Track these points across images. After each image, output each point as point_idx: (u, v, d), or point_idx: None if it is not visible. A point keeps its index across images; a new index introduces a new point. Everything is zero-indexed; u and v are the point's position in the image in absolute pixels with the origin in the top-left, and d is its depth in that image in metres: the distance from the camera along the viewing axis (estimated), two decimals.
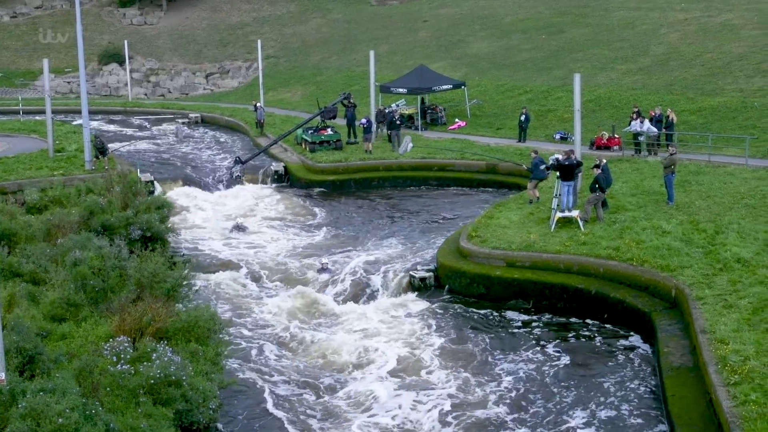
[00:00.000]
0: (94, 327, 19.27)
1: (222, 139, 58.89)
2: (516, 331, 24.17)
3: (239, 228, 34.91)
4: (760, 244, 24.72)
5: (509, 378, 21.29)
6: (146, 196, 33.07)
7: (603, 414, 19.11)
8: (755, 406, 15.49)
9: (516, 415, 19.35)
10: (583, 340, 23.32)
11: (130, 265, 22.17)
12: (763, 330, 18.94)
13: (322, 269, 29.41)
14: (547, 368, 21.71)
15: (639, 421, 18.69)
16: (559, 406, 19.65)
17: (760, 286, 21.50)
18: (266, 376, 21.75)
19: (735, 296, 21.10)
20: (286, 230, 36.11)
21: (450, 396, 20.48)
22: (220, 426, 18.67)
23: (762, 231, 25.81)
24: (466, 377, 21.47)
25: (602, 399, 19.82)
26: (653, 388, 20.07)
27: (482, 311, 25.64)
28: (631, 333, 23.18)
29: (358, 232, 34.90)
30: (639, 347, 22.48)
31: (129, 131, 63.91)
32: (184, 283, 21.93)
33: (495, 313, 25.36)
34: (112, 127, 65.44)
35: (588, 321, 24.30)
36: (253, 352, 23.31)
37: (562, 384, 20.76)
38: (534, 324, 24.53)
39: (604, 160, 29.05)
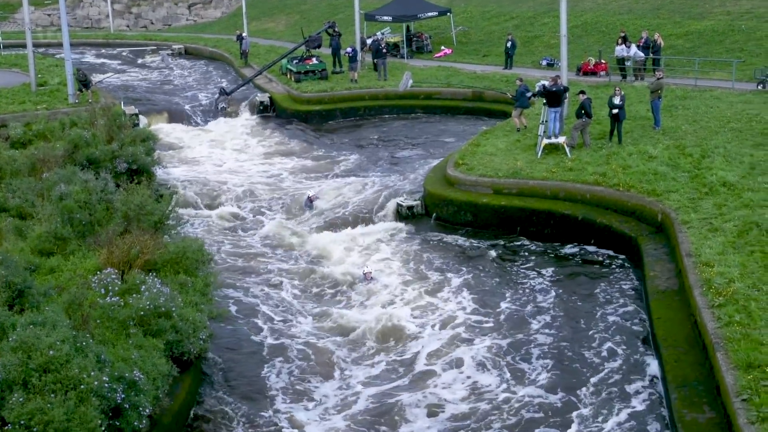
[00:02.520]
0: (82, 260, 19.27)
1: (206, 70, 58.34)
2: (503, 257, 24.30)
3: (311, 201, 29.62)
4: (745, 167, 24.79)
5: (497, 302, 21.46)
6: (131, 129, 32.84)
7: (590, 337, 19.33)
8: (739, 327, 15.67)
9: (502, 338, 19.55)
10: (570, 265, 23.47)
11: (116, 198, 22.09)
12: (747, 252, 19.08)
13: (310, 201, 29.29)
14: (534, 293, 21.88)
15: (625, 343, 18.91)
16: (546, 330, 19.85)
17: (745, 209, 21.61)
18: (255, 306, 21.88)
19: (720, 220, 21.21)
20: (271, 161, 35.99)
21: (441, 320, 20.65)
22: (210, 356, 18.84)
23: (747, 154, 25.87)
24: (453, 303, 21.63)
25: (589, 323, 20.03)
26: (639, 312, 20.28)
27: (469, 238, 25.74)
28: (618, 258, 23.34)
29: (344, 162, 34.84)
30: (625, 272, 22.66)
31: (112, 63, 63.24)
32: (171, 215, 21.89)
33: (482, 240, 25.46)
34: (94, 60, 64.72)
35: (575, 246, 24.44)
36: (242, 282, 23.41)
37: (549, 309, 20.95)
38: (521, 250, 24.65)
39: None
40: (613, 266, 23.05)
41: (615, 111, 28.09)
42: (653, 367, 17.64)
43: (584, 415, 16.26)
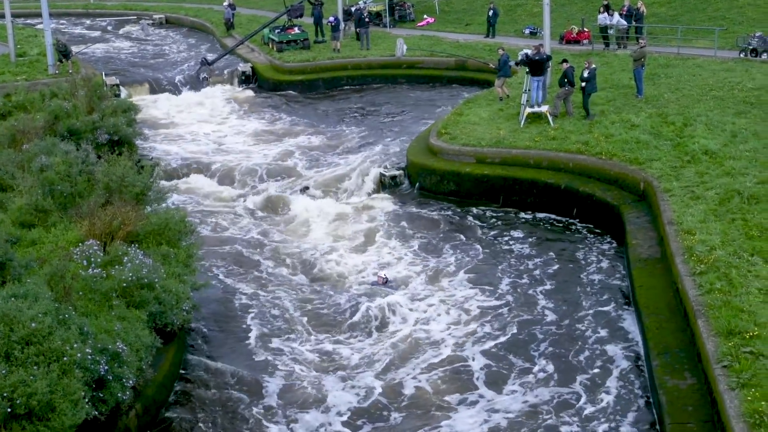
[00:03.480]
0: (63, 232, 19.16)
1: (187, 40, 57.90)
2: (487, 226, 24.34)
3: (305, 189, 28.18)
4: (727, 135, 24.85)
5: (481, 269, 21.53)
6: (112, 100, 32.62)
7: (572, 304, 19.43)
8: (720, 294, 15.77)
9: (487, 303, 19.62)
10: (553, 233, 23.54)
11: (97, 169, 21.94)
12: (728, 220, 19.17)
13: (304, 189, 28.25)
14: (517, 260, 21.96)
15: (607, 311, 19.02)
16: (528, 299, 19.93)
17: (726, 177, 21.69)
18: (239, 277, 21.87)
19: (702, 188, 21.29)
20: (253, 132, 35.83)
21: (423, 288, 20.71)
22: (194, 327, 18.84)
23: (729, 123, 25.93)
24: (436, 271, 21.67)
25: (571, 291, 20.12)
26: (622, 280, 20.38)
27: (453, 208, 25.76)
28: (600, 226, 23.41)
29: (327, 132, 34.72)
30: (608, 240, 22.75)
31: (92, 34, 62.68)
32: (153, 186, 21.79)
33: (465, 210, 25.49)
34: (74, 30, 64.12)
35: (558, 215, 24.50)
36: (225, 254, 23.36)
37: (532, 277, 21.03)
38: (504, 219, 24.70)
39: (594, 66, 28.75)
40: (595, 234, 23.14)
41: (583, 84, 28.01)
42: (635, 334, 17.77)
43: (566, 383, 16.36)
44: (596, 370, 16.71)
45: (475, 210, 25.42)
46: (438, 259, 22.50)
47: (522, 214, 24.86)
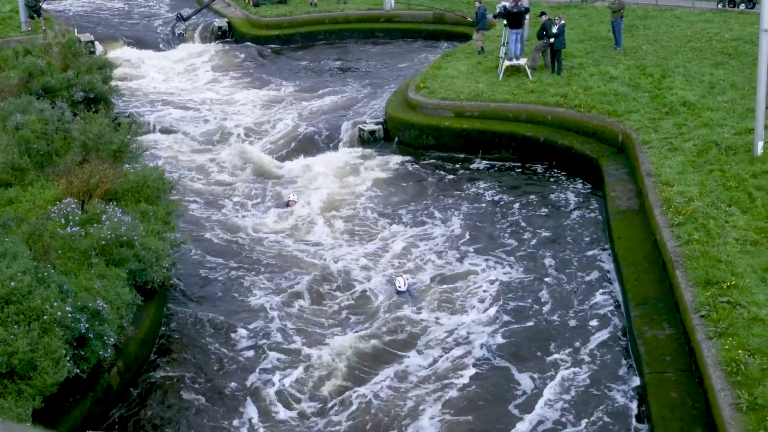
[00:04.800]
0: (40, 191, 19.01)
1: None
2: (466, 180, 24.36)
3: (288, 204, 23.63)
4: (705, 86, 24.90)
5: (461, 221, 21.57)
6: (87, 57, 32.22)
7: (552, 257, 19.53)
8: (698, 245, 15.89)
9: (469, 252, 19.70)
10: (532, 187, 23.60)
11: (74, 127, 21.73)
12: (706, 171, 19.27)
13: (287, 204, 23.74)
14: (497, 213, 22.01)
15: (586, 264, 19.14)
16: (508, 251, 20.02)
17: (704, 128, 21.76)
18: (218, 233, 21.82)
19: (680, 139, 21.36)
20: (229, 87, 35.58)
21: (405, 241, 20.75)
22: (174, 284, 18.81)
23: (707, 74, 25.96)
24: (418, 225, 21.70)
25: (551, 243, 20.22)
26: (601, 232, 20.49)
27: (432, 162, 25.75)
28: (579, 179, 23.48)
29: (305, 87, 34.52)
30: (587, 192, 22.83)
31: None
32: (131, 143, 21.63)
33: (445, 164, 25.48)
34: None
35: (537, 168, 24.55)
36: (204, 210, 23.30)
37: (511, 230, 21.10)
38: (484, 173, 24.73)
39: (563, 21, 28.58)
40: (575, 187, 23.21)
41: (551, 40, 27.88)
42: (614, 285, 17.90)
43: (545, 335, 16.48)
44: (576, 322, 16.84)
45: (454, 163, 25.41)
46: (418, 213, 22.50)
47: (501, 168, 24.88)
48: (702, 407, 12.72)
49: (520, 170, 24.64)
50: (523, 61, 28.18)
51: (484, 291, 18.37)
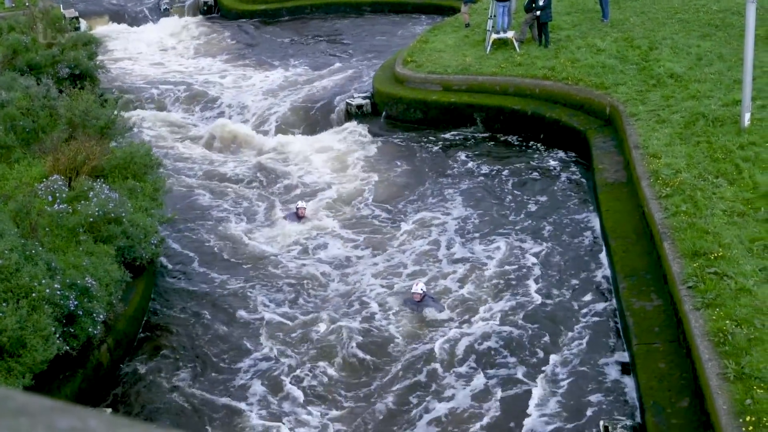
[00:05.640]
0: (27, 168, 18.93)
1: None
2: (455, 154, 24.33)
3: (299, 217, 20.96)
4: (692, 58, 24.87)
5: (451, 195, 21.59)
6: (72, 33, 32.01)
7: (540, 229, 19.57)
8: (685, 217, 15.94)
9: (458, 225, 19.74)
10: (520, 160, 23.59)
11: (59, 104, 21.62)
12: (694, 143, 19.29)
13: (297, 216, 21.08)
14: (486, 186, 22.02)
15: (575, 235, 19.19)
16: (497, 223, 20.05)
17: (691, 100, 21.76)
18: (205, 209, 21.79)
19: (668, 111, 21.36)
20: (215, 63, 35.39)
21: (397, 210, 20.77)
22: (163, 260, 18.81)
23: (695, 45, 25.92)
24: (406, 200, 21.71)
25: (539, 216, 20.25)
26: (589, 204, 20.53)
27: (420, 136, 25.71)
28: (567, 151, 23.49)
29: (291, 62, 34.37)
30: (575, 165, 22.85)
31: None
32: (117, 120, 21.53)
33: (433, 138, 25.45)
34: None
35: (525, 142, 24.54)
36: (192, 187, 23.24)
37: (501, 202, 21.13)
38: (472, 146, 24.70)
39: None
40: (563, 160, 23.22)
41: (537, 13, 27.71)
42: (602, 257, 17.96)
43: (535, 307, 16.55)
44: (565, 294, 16.91)
45: (441, 137, 25.37)
46: (407, 185, 22.50)
47: (490, 140, 24.86)
48: (690, 377, 12.81)
49: (507, 143, 24.61)
50: (510, 34, 28.08)
51: (469, 261, 18.41)
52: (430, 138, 25.45)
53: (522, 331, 15.90)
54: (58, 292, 13.31)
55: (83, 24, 39.22)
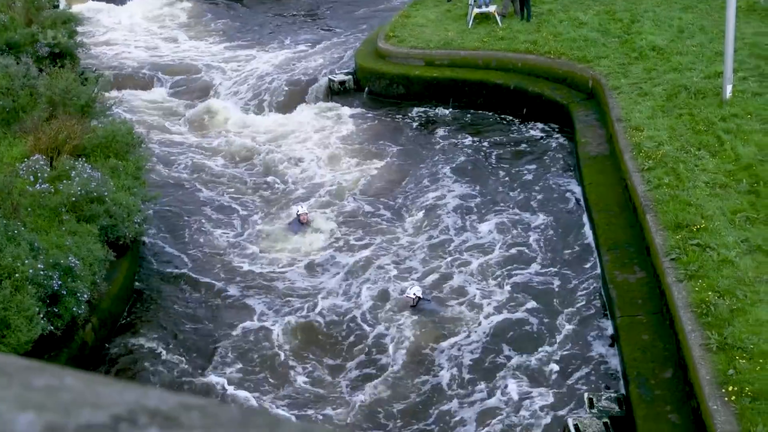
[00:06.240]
0: (8, 148, 18.80)
1: None
2: (438, 128, 24.31)
3: (301, 222, 19.40)
4: (674, 31, 24.88)
5: (435, 168, 21.59)
6: (51, 11, 31.69)
7: (524, 202, 19.61)
8: (668, 189, 16.00)
9: (443, 200, 19.76)
10: (504, 134, 23.60)
11: (40, 83, 21.45)
12: (676, 116, 19.34)
13: (299, 221, 19.47)
14: (470, 160, 22.03)
15: (558, 209, 19.24)
16: (482, 197, 20.08)
17: (673, 72, 21.79)
18: (189, 187, 21.73)
19: (650, 84, 21.39)
20: (194, 40, 35.16)
21: (380, 186, 20.76)
22: (146, 239, 18.76)
23: (676, 18, 25.92)
24: (390, 173, 21.70)
25: (523, 189, 20.29)
26: (572, 178, 20.58)
27: (403, 111, 25.64)
28: (550, 125, 23.51)
29: (270, 38, 34.17)
30: (558, 139, 22.87)
31: None
32: (98, 98, 21.39)
33: (416, 113, 25.40)
34: None
35: (508, 116, 24.53)
36: (175, 165, 23.15)
37: (485, 177, 21.15)
38: (455, 121, 24.68)
39: None
40: (546, 134, 23.24)
41: None
42: (586, 230, 18.03)
43: (519, 281, 16.62)
44: (547, 265, 16.97)
45: (425, 113, 25.32)
46: (390, 162, 22.48)
47: (473, 115, 24.84)
48: (673, 349, 12.91)
49: (491, 117, 24.60)
50: (492, 9, 28.00)
51: (450, 232, 18.45)
52: (414, 114, 25.39)
53: (506, 305, 15.96)
54: (42, 272, 13.27)
55: (62, 2, 38.82)
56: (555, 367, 14.13)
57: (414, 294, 15.94)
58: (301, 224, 19.27)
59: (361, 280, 17.24)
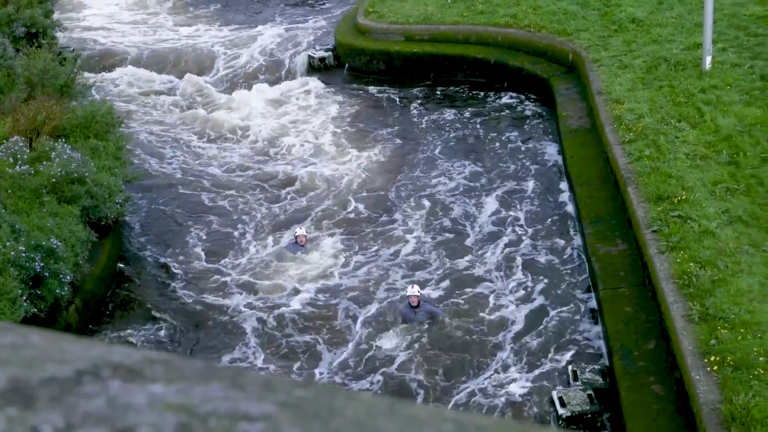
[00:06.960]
0: None
1: None
2: (419, 103, 24.28)
3: (299, 244, 17.73)
4: (653, 3, 24.87)
5: (416, 147, 21.58)
6: None
7: (506, 176, 19.64)
8: (648, 161, 16.06)
9: (424, 181, 19.78)
10: (485, 108, 23.59)
11: (17, 63, 21.27)
12: (656, 88, 19.38)
13: (296, 242, 17.78)
14: (452, 135, 22.03)
15: (540, 182, 19.29)
16: (465, 170, 20.09)
17: (653, 44, 21.81)
18: (168, 168, 21.63)
19: (630, 56, 21.41)
20: (174, 18, 34.89)
21: (362, 166, 20.73)
22: (128, 219, 18.69)
23: None
24: (381, 165, 21.68)
25: (505, 163, 20.31)
26: (553, 151, 20.61)
27: (384, 87, 25.59)
28: (531, 99, 23.51)
29: (248, 15, 33.94)
30: (539, 112, 22.89)
31: None
32: (77, 78, 21.24)
33: (397, 88, 25.34)
34: None
35: (489, 90, 24.50)
36: (154, 145, 23.03)
37: (468, 150, 21.16)
38: (436, 96, 24.66)
39: None
40: (527, 107, 23.25)
41: None
42: (568, 204, 18.08)
43: (503, 255, 16.67)
44: (530, 240, 17.03)
45: (405, 88, 25.27)
46: (372, 138, 22.44)
47: (454, 90, 24.81)
48: (655, 320, 13.01)
49: (472, 92, 24.58)
50: None
51: (441, 213, 18.48)
52: (395, 90, 25.33)
53: (491, 280, 16.02)
54: (23, 254, 13.22)
55: None
56: (539, 340, 14.21)
57: (418, 292, 14.97)
58: (299, 246, 17.64)
59: (365, 286, 17.27)
